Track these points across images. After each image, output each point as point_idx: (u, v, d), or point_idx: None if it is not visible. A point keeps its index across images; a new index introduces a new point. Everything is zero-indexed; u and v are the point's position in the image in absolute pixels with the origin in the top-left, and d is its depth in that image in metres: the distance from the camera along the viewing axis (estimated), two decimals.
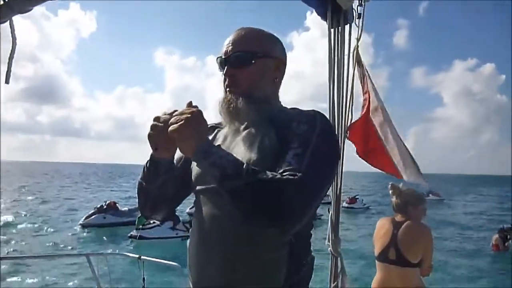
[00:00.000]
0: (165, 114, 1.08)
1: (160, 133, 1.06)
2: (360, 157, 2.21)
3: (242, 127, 1.20)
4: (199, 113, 1.03)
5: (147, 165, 1.20)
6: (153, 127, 1.08)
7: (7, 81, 1.49)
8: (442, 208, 32.82)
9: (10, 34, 1.43)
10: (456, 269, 13.38)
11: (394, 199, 2.63)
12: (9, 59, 1.45)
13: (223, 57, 1.21)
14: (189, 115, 1.01)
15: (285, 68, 1.28)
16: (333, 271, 1.93)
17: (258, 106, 1.17)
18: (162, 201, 1.29)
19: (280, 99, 1.29)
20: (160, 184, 1.23)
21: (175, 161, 1.26)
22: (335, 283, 2.11)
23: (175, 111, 1.06)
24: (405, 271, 2.45)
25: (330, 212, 1.93)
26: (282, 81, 1.29)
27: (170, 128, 1.00)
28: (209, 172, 0.99)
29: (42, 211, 25.24)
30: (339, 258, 1.91)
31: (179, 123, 1.00)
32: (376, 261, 2.62)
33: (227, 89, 1.20)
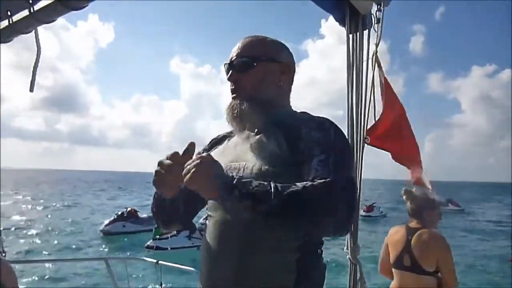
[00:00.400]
0: (167, 159, 1.10)
1: (164, 178, 1.10)
2: (394, 159, 2.17)
3: (251, 133, 1.22)
4: (208, 157, 1.02)
5: (155, 195, 1.27)
6: (157, 173, 1.10)
7: (31, 90, 1.53)
8: (462, 218, 32.09)
9: (35, 43, 1.48)
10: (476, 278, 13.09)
11: (408, 204, 2.60)
12: (33, 68, 1.50)
13: (228, 62, 1.26)
14: (199, 162, 0.99)
15: (293, 73, 1.31)
16: (351, 278, 1.91)
17: (262, 109, 1.20)
18: (175, 219, 1.33)
19: (296, 107, 1.31)
20: (169, 206, 1.26)
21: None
22: None
23: (176, 153, 1.08)
24: (421, 278, 2.39)
25: None
26: (292, 87, 1.31)
27: (186, 181, 0.98)
28: (240, 205, 0.98)
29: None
30: (358, 266, 1.88)
31: (192, 175, 0.97)
32: (392, 268, 2.58)
33: (232, 94, 1.25)
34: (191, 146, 1.09)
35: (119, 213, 20.61)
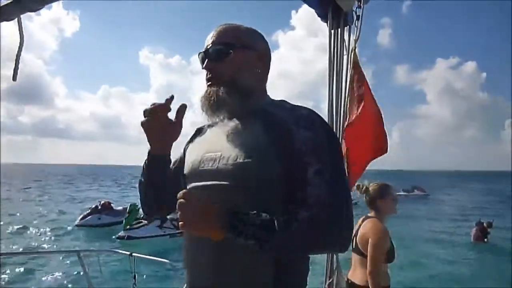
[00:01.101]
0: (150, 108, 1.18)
1: (149, 120, 1.18)
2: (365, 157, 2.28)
3: (228, 121, 1.20)
4: (206, 200, 0.98)
5: (145, 161, 1.28)
6: (143, 122, 1.20)
7: (14, 78, 1.50)
8: (427, 203, 33.54)
9: (18, 32, 1.45)
10: (440, 259, 13.71)
11: (364, 198, 2.78)
12: (16, 56, 1.46)
13: (203, 52, 1.22)
14: (196, 206, 0.96)
15: (269, 60, 1.28)
16: (329, 267, 1.97)
17: (241, 97, 1.17)
18: (160, 200, 1.32)
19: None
20: (159, 181, 1.28)
21: (172, 166, 1.33)
22: (331, 279, 2.16)
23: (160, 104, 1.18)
24: (361, 259, 2.57)
25: None
26: (268, 75, 1.28)
27: (187, 227, 0.96)
28: (245, 244, 0.96)
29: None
30: (334, 255, 1.94)
31: (192, 220, 0.95)
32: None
33: (208, 83, 1.21)
34: (170, 100, 1.18)
35: (94, 206, 20.35)
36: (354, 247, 2.63)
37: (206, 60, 1.21)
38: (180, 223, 0.95)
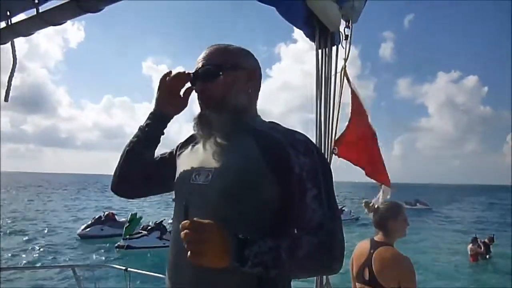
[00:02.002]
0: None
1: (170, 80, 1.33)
2: (367, 174, 2.28)
3: (221, 139, 1.20)
4: (213, 225, 0.95)
5: (145, 121, 1.40)
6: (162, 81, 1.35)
7: (6, 99, 1.54)
8: (430, 217, 33.49)
9: (12, 55, 1.49)
10: (440, 275, 13.68)
11: (372, 215, 2.56)
12: (9, 78, 1.51)
13: (193, 73, 1.26)
14: (204, 237, 0.93)
15: (259, 79, 1.30)
16: (318, 282, 1.97)
17: (233, 117, 1.19)
18: (135, 172, 1.39)
19: (269, 110, 1.35)
20: (142, 152, 1.38)
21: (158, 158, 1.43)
22: None
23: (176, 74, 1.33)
24: None
25: None
26: (259, 93, 1.30)
27: (195, 259, 0.93)
28: (252, 272, 0.98)
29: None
30: None
31: (200, 253, 0.93)
32: (356, 282, 2.53)
33: (200, 104, 1.24)
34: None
35: (97, 216, 20.37)
36: (368, 279, 2.39)
37: (197, 81, 1.24)
38: (188, 254, 0.93)
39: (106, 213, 20.53)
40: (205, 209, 1.08)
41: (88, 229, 19.28)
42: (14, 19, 1.41)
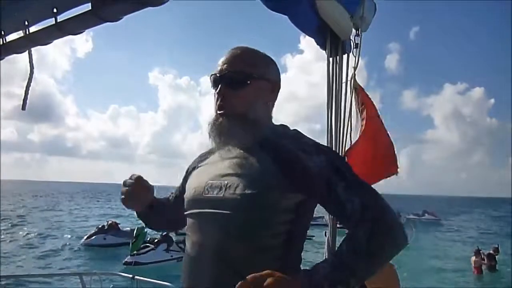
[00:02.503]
0: (130, 179, 1.35)
1: (128, 195, 1.34)
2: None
3: (234, 150, 1.18)
4: (279, 279, 0.91)
5: (139, 216, 1.47)
6: (122, 192, 1.35)
7: (23, 108, 1.56)
8: (439, 228, 33.37)
9: (29, 64, 1.52)
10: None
11: None
12: (26, 87, 1.53)
13: (218, 75, 1.17)
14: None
15: (279, 91, 1.26)
16: None
17: (252, 130, 1.15)
18: (163, 226, 1.68)
19: (276, 120, 1.29)
20: (159, 220, 1.50)
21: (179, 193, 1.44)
22: None
23: (138, 176, 1.36)
24: None
25: (327, 234, 1.94)
26: (275, 104, 1.28)
27: None
28: None
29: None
30: None
31: None
32: None
33: (220, 110, 1.17)
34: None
35: (100, 226, 20.50)
36: None
37: (220, 85, 1.17)
38: None
39: (109, 222, 20.59)
40: (218, 223, 1.08)
41: (92, 238, 19.34)
42: (32, 29, 1.42)
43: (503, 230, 33.36)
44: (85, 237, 19.77)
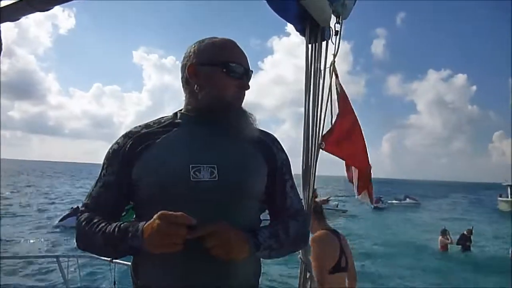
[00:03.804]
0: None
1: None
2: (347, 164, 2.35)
3: (213, 134, 1.18)
4: (227, 226, 1.06)
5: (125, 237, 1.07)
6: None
7: None
8: (419, 211, 34.58)
9: None
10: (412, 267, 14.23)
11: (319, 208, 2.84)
12: None
13: (248, 69, 1.25)
14: (230, 239, 1.05)
15: None
16: (302, 277, 1.99)
17: (245, 120, 1.23)
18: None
19: (262, 104, 1.45)
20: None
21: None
22: None
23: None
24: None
25: None
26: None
27: (226, 256, 1.06)
28: (259, 256, 1.20)
29: None
30: (308, 265, 1.96)
31: (227, 249, 1.05)
32: (336, 274, 2.72)
33: (239, 100, 1.24)
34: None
35: (75, 206, 19.83)
36: (345, 266, 2.71)
37: (246, 79, 1.26)
38: (217, 253, 1.04)
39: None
40: (214, 206, 1.10)
41: (66, 219, 18.68)
42: (2, 4, 1.39)
43: (479, 214, 34.58)
44: (59, 218, 19.29)
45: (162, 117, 1.28)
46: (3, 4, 1.39)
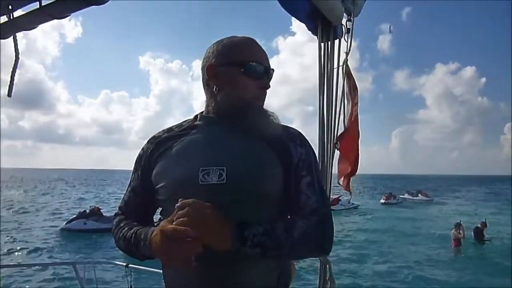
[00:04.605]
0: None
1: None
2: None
3: (230, 135, 1.17)
4: (214, 208, 1.00)
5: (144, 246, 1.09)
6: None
7: (9, 95, 1.54)
8: (431, 208, 34.61)
9: (14, 50, 1.48)
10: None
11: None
12: (12, 73, 1.50)
13: (269, 68, 1.23)
14: (205, 215, 0.97)
15: None
16: (321, 278, 1.97)
17: (264, 119, 1.20)
18: None
19: (268, 103, 1.35)
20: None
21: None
22: None
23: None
24: None
25: None
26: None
27: (198, 236, 0.95)
28: (250, 253, 1.02)
29: None
30: (327, 265, 1.95)
31: (203, 230, 0.96)
32: None
33: (259, 101, 1.22)
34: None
35: (82, 211, 20.09)
36: None
37: (266, 78, 1.23)
38: (182, 229, 0.94)
39: (92, 207, 20.11)
40: (223, 209, 1.03)
41: (71, 223, 18.84)
42: (16, 13, 1.39)
43: (495, 207, 34.28)
44: (66, 222, 19.32)
45: (185, 120, 1.29)
46: (19, 13, 1.39)
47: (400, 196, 39.70)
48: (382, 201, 36.59)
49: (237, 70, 1.18)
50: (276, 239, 1.01)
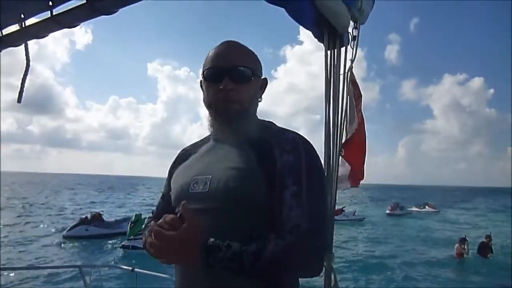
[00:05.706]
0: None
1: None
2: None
3: (219, 144, 1.22)
4: (190, 230, 1.01)
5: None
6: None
7: (19, 101, 1.56)
8: (438, 220, 34.50)
9: (25, 57, 1.51)
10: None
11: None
12: (22, 80, 1.52)
13: (224, 68, 1.17)
14: (170, 245, 1.00)
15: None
16: (326, 286, 1.96)
17: (247, 123, 1.20)
18: None
19: (275, 112, 1.36)
20: None
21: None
22: None
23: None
24: None
25: None
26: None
27: (167, 255, 1.03)
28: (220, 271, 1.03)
29: None
30: (332, 273, 1.94)
31: (168, 257, 1.04)
32: None
33: (224, 103, 1.17)
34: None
35: (83, 217, 20.23)
36: None
37: (226, 78, 1.17)
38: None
39: (93, 213, 20.27)
40: (204, 217, 1.07)
41: (73, 229, 18.94)
42: (28, 22, 1.42)
43: (501, 220, 33.86)
44: (68, 228, 19.43)
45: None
46: (30, 22, 1.42)
47: (408, 208, 39.74)
48: (387, 211, 36.72)
49: (202, 80, 1.24)
50: (243, 266, 0.98)
